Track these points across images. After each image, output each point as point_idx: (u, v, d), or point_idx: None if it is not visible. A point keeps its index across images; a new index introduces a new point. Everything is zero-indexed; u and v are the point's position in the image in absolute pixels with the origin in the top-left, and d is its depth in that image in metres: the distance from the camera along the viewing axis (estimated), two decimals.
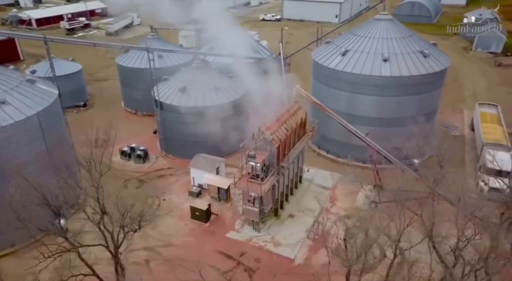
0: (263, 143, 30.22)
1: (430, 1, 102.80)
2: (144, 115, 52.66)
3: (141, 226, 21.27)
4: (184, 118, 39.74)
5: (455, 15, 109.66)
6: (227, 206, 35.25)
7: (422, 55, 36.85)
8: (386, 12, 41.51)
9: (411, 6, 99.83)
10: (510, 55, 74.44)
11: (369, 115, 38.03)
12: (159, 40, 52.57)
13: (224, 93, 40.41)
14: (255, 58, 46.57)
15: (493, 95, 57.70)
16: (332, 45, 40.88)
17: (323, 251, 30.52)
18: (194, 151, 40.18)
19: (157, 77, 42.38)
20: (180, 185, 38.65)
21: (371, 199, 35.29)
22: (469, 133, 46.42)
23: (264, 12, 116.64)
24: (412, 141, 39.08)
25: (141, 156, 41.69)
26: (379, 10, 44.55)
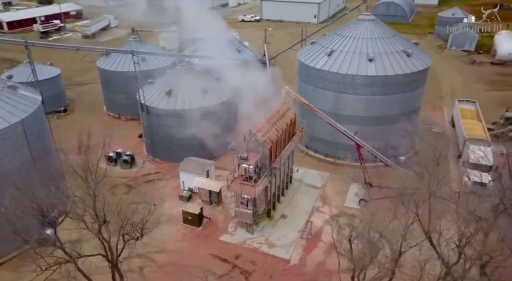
0: (255, 144, 30.23)
1: (405, 1, 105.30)
2: (128, 119, 51.77)
3: (143, 234, 20.89)
4: (171, 121, 39.33)
5: (429, 14, 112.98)
6: (218, 209, 35.06)
7: (406, 55, 37.72)
8: (369, 13, 42.16)
9: (387, 6, 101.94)
10: (482, 53, 77.10)
11: (355, 114, 38.59)
12: (141, 42, 51.77)
13: (211, 95, 40.19)
14: (240, 59, 46.57)
15: (470, 92, 59.68)
16: (317, 45, 41.30)
17: (317, 250, 30.96)
18: (181, 154, 39.82)
19: (141, 80, 41.70)
20: (169, 189, 38.17)
21: (361, 197, 35.85)
22: (450, 129, 47.80)
23: (243, 13, 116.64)
24: (397, 138, 40.07)
25: (128, 161, 40.94)
26: (361, 11, 45.20)
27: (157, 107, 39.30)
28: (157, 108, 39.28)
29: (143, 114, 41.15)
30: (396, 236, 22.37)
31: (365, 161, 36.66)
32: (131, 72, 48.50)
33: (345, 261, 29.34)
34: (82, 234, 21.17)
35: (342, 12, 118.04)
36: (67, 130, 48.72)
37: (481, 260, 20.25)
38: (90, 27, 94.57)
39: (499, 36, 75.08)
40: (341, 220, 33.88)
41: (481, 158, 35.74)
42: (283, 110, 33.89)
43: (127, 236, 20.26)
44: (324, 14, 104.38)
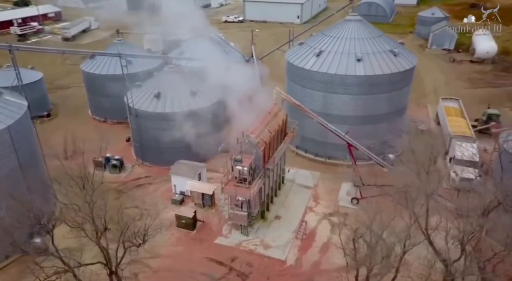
0: (248, 146, 30.19)
1: (385, 1, 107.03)
2: (115, 123, 50.91)
3: (146, 240, 20.56)
4: (160, 124, 38.89)
5: (408, 14, 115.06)
6: (212, 212, 34.86)
7: (393, 54, 38.34)
8: (356, 13, 42.68)
9: (368, 6, 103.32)
10: (461, 51, 79.07)
11: (344, 113, 38.98)
12: (127, 45, 50.98)
13: (200, 97, 39.94)
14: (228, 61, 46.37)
15: (451, 89, 61.16)
16: (305, 46, 41.55)
17: (312, 250, 31.12)
18: (171, 157, 39.46)
19: (129, 83, 41.09)
20: (160, 193, 37.74)
21: (353, 195, 36.24)
22: (435, 127, 48.82)
23: (226, 13, 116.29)
24: (385, 137, 40.68)
25: (117, 165, 40.28)
26: (347, 11, 45.71)
27: (146, 110, 38.81)
28: (146, 111, 38.79)
29: (131, 117, 40.55)
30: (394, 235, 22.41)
31: (356, 160, 37.07)
32: (117, 75, 47.78)
33: (341, 260, 29.78)
34: (82, 243, 20.71)
35: (324, 12, 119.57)
36: (52, 135, 47.67)
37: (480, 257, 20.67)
38: (70, 29, 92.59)
39: (476, 35, 77.04)
40: (334, 219, 34.23)
41: (468, 154, 36.75)
42: (275, 111, 33.97)
43: (128, 243, 19.90)
44: (307, 15, 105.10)
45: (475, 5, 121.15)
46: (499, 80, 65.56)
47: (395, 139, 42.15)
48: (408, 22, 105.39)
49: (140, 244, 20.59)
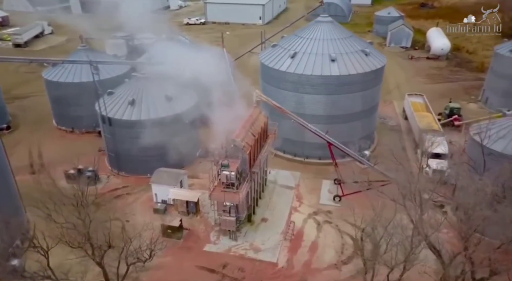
0: (234, 150, 30.02)
1: (343, 1, 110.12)
2: (83, 133, 48.78)
3: (152, 256, 19.79)
4: (136, 132, 37.66)
5: (364, 13, 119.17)
6: (197, 220, 34.31)
7: (364, 54, 39.55)
8: (326, 14, 43.61)
9: (327, 6, 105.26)
10: (418, 49, 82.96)
11: (320, 113, 39.71)
12: (92, 51, 48.94)
13: (176, 102, 39.13)
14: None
15: (413, 85, 64.03)
16: (279, 47, 41.92)
17: (302, 250, 31.45)
18: (149, 166, 38.49)
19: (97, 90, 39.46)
20: (141, 203, 36.63)
21: (334, 193, 37.03)
22: (403, 122, 50.94)
23: (186, 15, 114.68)
24: (360, 134, 41.96)
25: (91, 177, 38.53)
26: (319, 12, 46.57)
27: (121, 118, 37.49)
28: (120, 120, 37.46)
29: (104, 126, 38.98)
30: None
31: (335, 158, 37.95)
32: (84, 82, 46.01)
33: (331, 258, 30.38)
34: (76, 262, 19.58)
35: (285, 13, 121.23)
36: (15, 149, 44.88)
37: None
38: (22, 34, 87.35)
39: (430, 33, 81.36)
40: (319, 218, 34.83)
41: (438, 148, 38.66)
42: (256, 113, 33.99)
43: (131, 259, 19.10)
44: (269, 15, 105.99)
45: (424, 5, 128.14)
46: (454, 75, 69.48)
47: (369, 136, 43.71)
48: (365, 21, 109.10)
49: (146, 260, 19.85)
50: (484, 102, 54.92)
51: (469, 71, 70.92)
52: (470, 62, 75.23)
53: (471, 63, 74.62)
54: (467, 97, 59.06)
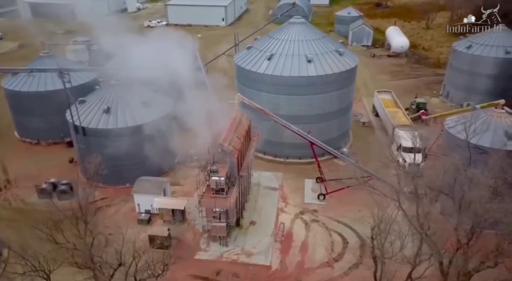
0: (222, 155, 29.67)
1: (303, 1, 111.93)
2: (50, 144, 46.24)
3: (166, 270, 19.00)
4: (113, 141, 36.32)
5: (324, 13, 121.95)
6: (184, 228, 33.56)
7: (338, 54, 40.45)
8: (299, 16, 44.13)
9: (288, 7, 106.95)
10: (378, 47, 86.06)
11: (298, 113, 40.07)
12: (55, 57, 46.43)
13: (153, 108, 38.08)
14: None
15: (378, 82, 66.34)
16: (254, 49, 41.91)
17: (293, 251, 31.65)
18: (127, 175, 37.39)
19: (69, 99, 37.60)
20: (123, 215, 35.30)
21: (318, 191, 37.57)
22: (374, 118, 52.62)
23: (145, 18, 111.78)
24: (337, 132, 42.88)
25: (66, 191, 36.64)
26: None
27: (96, 127, 35.94)
28: (96, 129, 35.90)
29: (78, 136, 37.15)
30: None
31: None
32: (49, 91, 43.78)
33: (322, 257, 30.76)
34: None
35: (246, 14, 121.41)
36: None
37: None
38: None
39: (389, 31, 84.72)
40: (306, 217, 35.19)
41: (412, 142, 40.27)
42: (239, 116, 33.79)
43: (140, 275, 18.24)
44: (231, 17, 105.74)
45: (379, 5, 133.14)
46: (415, 71, 72.71)
47: (345, 133, 44.79)
48: (326, 21, 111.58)
49: (159, 275, 19.07)
50: (446, 96, 57.91)
51: (428, 67, 74.49)
52: (427, 58, 79.05)
53: (428, 59, 78.42)
54: (429, 92, 61.99)
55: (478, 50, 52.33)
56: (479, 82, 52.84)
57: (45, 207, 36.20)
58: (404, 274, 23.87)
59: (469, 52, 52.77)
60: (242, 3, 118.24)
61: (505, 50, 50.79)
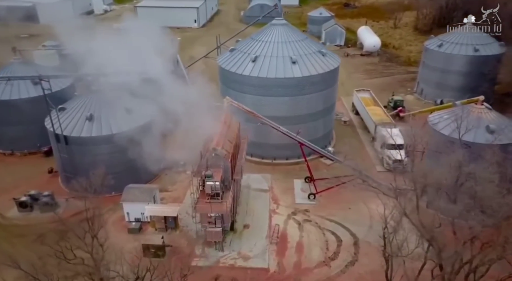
0: (215, 159, 29.32)
1: (275, 2, 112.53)
2: (25, 154, 44.14)
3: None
4: (98, 149, 35.18)
5: (294, 14, 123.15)
6: (177, 234, 32.91)
7: (321, 54, 40.96)
8: (281, 17, 44.33)
9: (260, 7, 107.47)
10: (350, 46, 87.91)
11: (284, 114, 40.15)
12: (28, 64, 44.39)
13: (137, 114, 37.12)
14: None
15: (354, 81, 67.77)
16: (237, 52, 41.72)
17: (289, 252, 31.74)
18: (113, 183, 36.05)
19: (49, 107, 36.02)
20: (112, 225, 34.16)
21: (308, 191, 37.89)
22: (354, 117, 53.66)
23: (114, 20, 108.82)
24: (322, 131, 43.43)
25: (49, 202, 35.09)
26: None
27: (79, 135, 34.63)
28: (79, 137, 34.60)
29: (59, 146, 35.62)
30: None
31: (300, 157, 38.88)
32: (23, 99, 41.90)
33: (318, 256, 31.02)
34: None
35: (218, 15, 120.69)
36: None
37: None
38: None
39: (361, 31, 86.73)
40: (298, 218, 35.38)
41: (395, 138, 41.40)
42: (228, 120, 33.54)
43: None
44: (203, 18, 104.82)
45: (347, 5, 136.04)
46: (387, 69, 74.78)
47: (329, 133, 45.43)
48: (297, 21, 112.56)
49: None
50: (420, 93, 59.91)
51: (399, 65, 76.79)
52: (398, 56, 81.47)
53: (399, 57, 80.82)
54: (404, 90, 63.90)
55: (449, 48, 54.47)
56: (451, 79, 55.05)
57: (26, 221, 34.97)
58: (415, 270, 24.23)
59: (441, 51, 54.84)
60: (213, 4, 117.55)
61: (474, 48, 53.13)
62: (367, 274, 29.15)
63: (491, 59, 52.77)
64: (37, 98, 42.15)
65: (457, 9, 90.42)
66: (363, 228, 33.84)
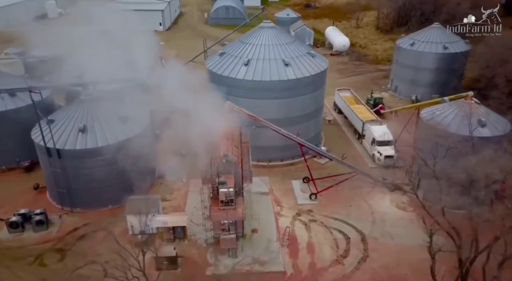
0: (226, 166, 29.00)
1: (239, 4, 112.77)
2: (4, 171, 41.14)
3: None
4: (93, 161, 33.55)
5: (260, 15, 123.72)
6: (186, 244, 32.12)
7: (311, 56, 41.64)
8: (269, 20, 44.50)
9: (225, 9, 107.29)
10: (319, 46, 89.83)
11: (277, 117, 40.15)
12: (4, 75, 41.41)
13: (133, 122, 35.81)
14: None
15: (329, 81, 68.12)
16: (227, 55, 41.39)
17: (301, 253, 31.99)
18: (108, 196, 34.99)
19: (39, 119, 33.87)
20: (114, 239, 32.61)
21: (308, 192, 38.38)
22: (337, 116, 54.97)
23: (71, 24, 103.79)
24: (313, 131, 44.19)
25: (44, 221, 32.98)
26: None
27: (73, 148, 32.82)
28: (73, 150, 32.79)
29: (51, 160, 33.51)
30: None
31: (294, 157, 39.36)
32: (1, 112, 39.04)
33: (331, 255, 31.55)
34: None
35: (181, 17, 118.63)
36: None
37: None
38: None
39: (329, 31, 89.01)
40: (303, 218, 35.74)
41: (384, 135, 43.00)
42: None
43: None
44: (168, 21, 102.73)
45: (308, 5, 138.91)
46: (358, 68, 77.27)
47: (319, 133, 46.34)
48: None
49: None
50: (394, 90, 62.50)
51: (369, 63, 79.61)
52: (366, 55, 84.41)
53: (367, 56, 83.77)
54: (377, 87, 66.30)
55: (420, 46, 57.31)
56: (423, 75, 57.95)
57: (19, 242, 32.66)
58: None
59: (413, 49, 57.58)
60: (175, 6, 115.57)
61: (443, 46, 56.29)
62: (381, 269, 30.04)
63: (459, 56, 56.17)
64: (14, 111, 39.74)
65: (414, 9, 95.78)
66: (367, 224, 34.84)
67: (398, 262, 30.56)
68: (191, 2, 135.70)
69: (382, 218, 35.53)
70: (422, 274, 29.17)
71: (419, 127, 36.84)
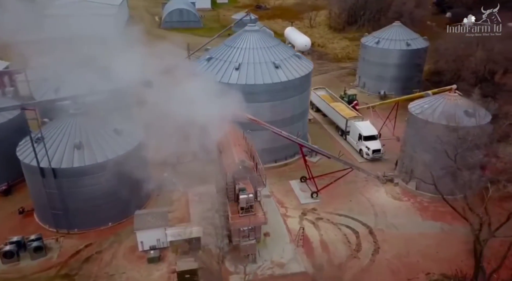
0: (242, 172, 28.78)
1: (190, 6, 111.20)
2: None
3: None
4: (92, 179, 31.60)
5: (211, 17, 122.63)
6: (201, 255, 31.20)
7: (298, 58, 42.38)
8: (254, 24, 44.46)
9: (179, 12, 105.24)
10: None
11: (269, 119, 40.28)
12: None
13: (129, 133, 34.17)
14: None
15: None
16: (216, 60, 40.88)
17: (317, 252, 32.57)
18: (108, 213, 33.41)
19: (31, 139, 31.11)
20: (124, 257, 31.05)
21: (307, 191, 39.08)
22: (315, 114, 56.31)
23: None
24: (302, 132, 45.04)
25: (42, 247, 30.45)
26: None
27: (70, 166, 30.63)
28: (70, 168, 30.59)
29: (45, 181, 30.97)
30: None
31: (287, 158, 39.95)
32: None
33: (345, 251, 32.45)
34: None
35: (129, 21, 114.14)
36: None
37: None
38: None
39: (289, 31, 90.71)
40: (309, 217, 36.32)
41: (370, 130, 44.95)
42: (234, 130, 32.97)
43: None
44: (120, 26, 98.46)
45: (259, 7, 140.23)
46: (322, 67, 79.50)
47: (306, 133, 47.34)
48: (218, 24, 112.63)
49: None
50: (362, 86, 65.31)
51: (331, 62, 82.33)
52: (327, 54, 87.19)
53: (327, 55, 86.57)
54: (345, 84, 68.78)
55: (385, 44, 60.49)
56: (389, 71, 61.21)
57: (16, 273, 29.91)
58: None
59: (379, 47, 60.61)
60: (125, 10, 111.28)
61: (406, 43, 59.91)
62: (394, 259, 31.44)
63: (421, 52, 60.12)
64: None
65: (364, 8, 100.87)
66: (370, 217, 36.25)
67: (408, 251, 32.16)
68: (138, 5, 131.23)
69: (382, 210, 37.13)
70: (431, 260, 31.22)
71: (409, 120, 38.82)
